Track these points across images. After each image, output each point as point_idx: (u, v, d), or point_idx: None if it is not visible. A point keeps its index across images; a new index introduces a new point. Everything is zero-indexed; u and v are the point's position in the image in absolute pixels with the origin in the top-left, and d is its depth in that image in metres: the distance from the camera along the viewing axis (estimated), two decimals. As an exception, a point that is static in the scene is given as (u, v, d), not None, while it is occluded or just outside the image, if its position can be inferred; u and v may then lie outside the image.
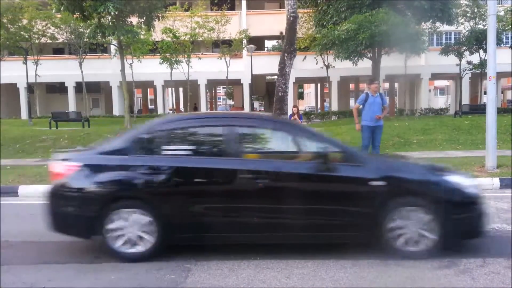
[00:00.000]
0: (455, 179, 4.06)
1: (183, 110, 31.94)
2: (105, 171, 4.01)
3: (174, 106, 33.07)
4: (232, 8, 27.60)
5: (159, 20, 15.23)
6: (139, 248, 3.89)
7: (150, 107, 38.81)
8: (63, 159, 4.13)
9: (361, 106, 8.11)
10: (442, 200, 3.83)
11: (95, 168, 4.02)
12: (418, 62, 25.22)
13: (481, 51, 22.59)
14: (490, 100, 7.94)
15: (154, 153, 4.12)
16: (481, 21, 23.07)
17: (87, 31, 18.17)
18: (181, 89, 34.29)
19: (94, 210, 3.88)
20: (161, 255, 3.93)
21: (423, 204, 3.85)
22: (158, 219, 3.86)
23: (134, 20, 15.19)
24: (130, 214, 3.88)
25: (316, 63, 23.89)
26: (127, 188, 3.97)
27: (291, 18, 10.38)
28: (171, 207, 3.90)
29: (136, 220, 3.87)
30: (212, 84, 34.62)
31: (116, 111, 27.21)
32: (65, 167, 4.02)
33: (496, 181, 6.97)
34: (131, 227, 3.87)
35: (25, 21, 22.26)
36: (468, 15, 23.36)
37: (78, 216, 3.98)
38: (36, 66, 23.54)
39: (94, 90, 29.63)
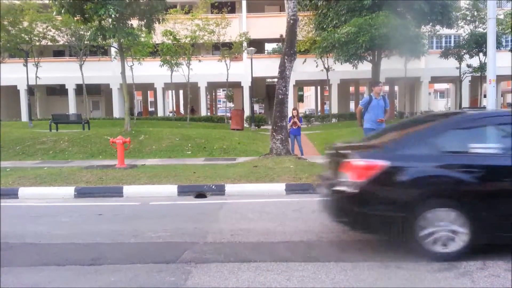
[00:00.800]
0: None
1: (183, 113, 31.96)
2: (416, 170, 3.98)
3: (174, 109, 33.09)
4: (232, 11, 27.67)
5: (159, 22, 15.23)
6: (450, 248, 3.85)
7: (150, 109, 38.86)
8: (364, 158, 4.10)
9: (363, 109, 8.09)
10: None
11: (404, 168, 4.00)
12: (418, 65, 25.27)
13: (481, 54, 22.64)
14: (490, 103, 7.97)
15: (462, 152, 4.05)
16: (481, 24, 23.13)
17: (88, 34, 18.20)
18: (181, 92, 34.34)
19: (407, 210, 3.85)
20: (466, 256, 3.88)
21: None
22: (470, 219, 3.81)
23: (134, 22, 15.21)
24: (444, 213, 3.85)
25: (316, 66, 23.94)
26: (443, 188, 3.93)
27: (291, 21, 10.39)
28: (484, 207, 3.84)
29: (449, 219, 3.84)
30: (212, 87, 34.65)
31: (116, 113, 27.23)
32: (369, 167, 3.97)
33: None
34: (444, 226, 3.84)
35: (25, 23, 22.28)
36: (468, 18, 23.42)
37: (389, 216, 3.92)
38: (37, 68, 23.57)
39: (94, 93, 29.66)
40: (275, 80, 14.33)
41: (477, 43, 22.03)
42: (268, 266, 3.79)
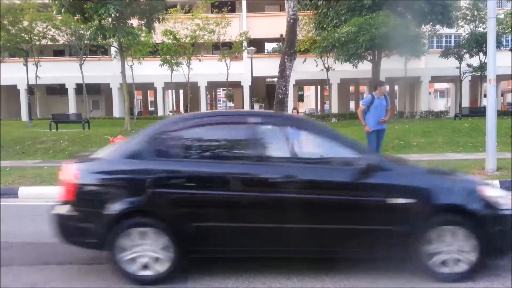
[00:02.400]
0: None
1: (182, 112, 31.98)
2: None
3: (174, 108, 33.10)
4: (232, 10, 27.66)
5: (159, 22, 15.24)
6: None
7: (150, 109, 38.86)
8: None
9: (365, 108, 7.96)
10: None
11: None
12: (418, 64, 25.25)
13: (481, 53, 22.62)
14: (490, 102, 7.94)
15: None
16: (481, 24, 23.11)
17: (88, 33, 18.20)
18: (181, 91, 34.33)
19: None
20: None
21: None
22: None
23: (134, 22, 15.22)
24: None
25: (316, 66, 23.91)
26: None
27: (292, 21, 10.39)
28: None
29: None
30: (212, 86, 34.65)
31: (116, 113, 27.23)
32: None
33: (496, 184, 6.96)
34: None
35: (25, 23, 22.28)
36: (468, 18, 23.41)
37: None
38: (37, 67, 23.57)
39: (94, 92, 29.65)
40: (275, 79, 14.34)
41: (477, 43, 22.01)
42: (268, 265, 3.79)
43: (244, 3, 27.65)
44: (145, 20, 14.65)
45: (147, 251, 3.41)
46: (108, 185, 3.55)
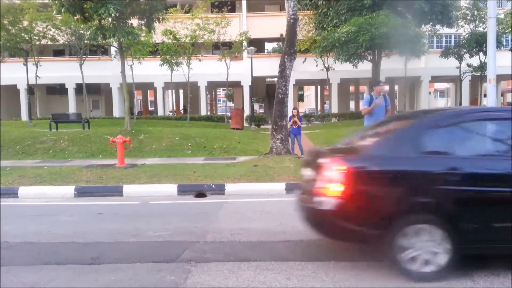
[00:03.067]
0: None
1: (183, 112, 31.96)
2: None
3: (174, 108, 33.09)
4: (232, 10, 27.65)
5: (159, 22, 15.22)
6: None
7: (150, 109, 38.86)
8: None
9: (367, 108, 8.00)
10: None
11: None
12: (418, 64, 25.25)
13: (481, 53, 22.64)
14: (490, 102, 7.96)
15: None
16: (481, 24, 23.13)
17: (88, 33, 18.17)
18: (181, 91, 34.34)
19: None
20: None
21: None
22: None
23: (134, 22, 15.20)
24: None
25: (316, 65, 23.92)
26: None
27: (292, 20, 10.39)
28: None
29: None
30: (212, 86, 34.64)
31: (116, 112, 27.23)
32: None
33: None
34: None
35: (25, 23, 22.26)
36: (468, 17, 23.43)
37: None
38: (37, 67, 23.55)
39: (94, 92, 29.65)
40: (275, 79, 14.34)
41: (477, 43, 22.03)
42: (268, 265, 3.80)
43: (244, 3, 27.64)
44: (145, 20, 14.63)
45: (423, 248, 3.40)
46: (384, 182, 3.53)
